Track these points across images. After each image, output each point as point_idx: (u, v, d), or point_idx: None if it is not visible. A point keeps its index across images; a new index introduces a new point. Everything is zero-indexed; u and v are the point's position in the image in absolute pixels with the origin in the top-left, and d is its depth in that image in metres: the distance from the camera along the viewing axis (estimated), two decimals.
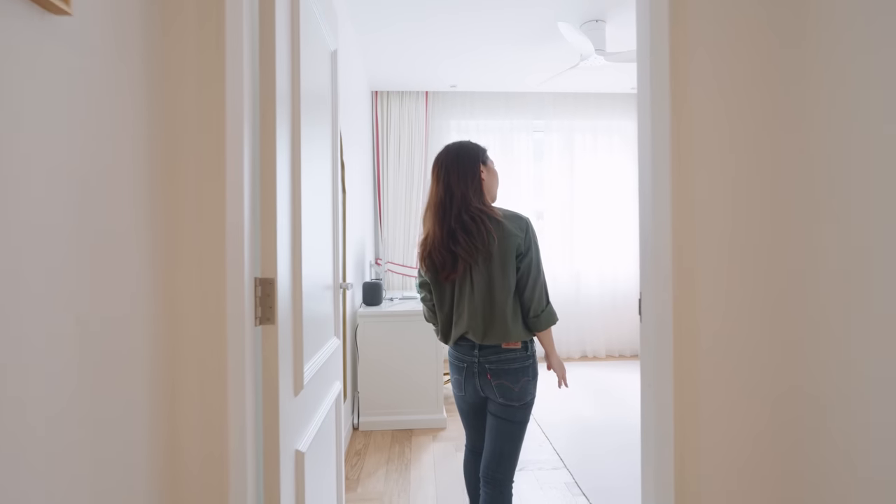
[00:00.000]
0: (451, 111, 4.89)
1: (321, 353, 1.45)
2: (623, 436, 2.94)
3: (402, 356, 3.06)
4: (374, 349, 3.05)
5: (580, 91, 4.92)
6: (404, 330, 3.06)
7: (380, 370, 3.06)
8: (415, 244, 4.66)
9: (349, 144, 3.03)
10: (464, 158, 1.57)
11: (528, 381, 1.52)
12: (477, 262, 1.47)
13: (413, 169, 4.78)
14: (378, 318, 3.06)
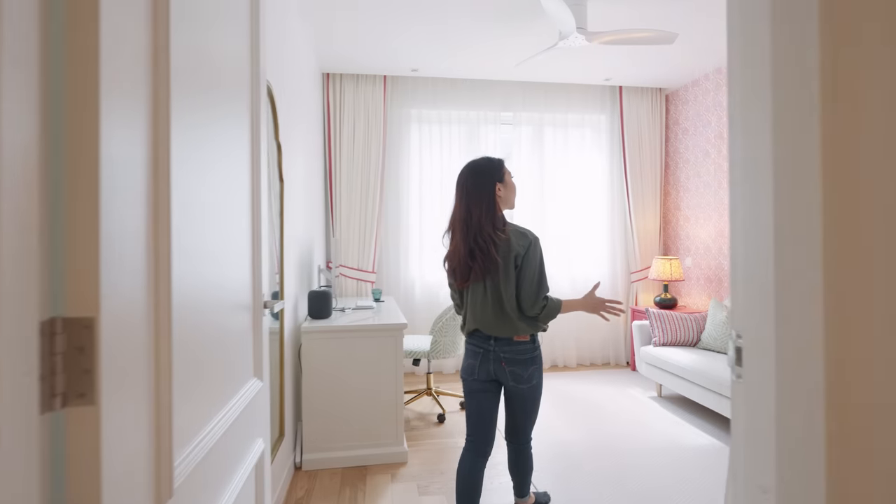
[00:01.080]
0: (412, 99, 4.43)
1: (225, 412, 0.97)
2: (607, 460, 2.59)
3: (355, 378, 2.58)
4: (320, 371, 2.55)
5: (551, 81, 4.58)
6: (358, 347, 2.59)
7: (328, 396, 2.56)
8: (371, 245, 4.17)
9: (290, 125, 2.52)
10: (480, 180, 1.83)
11: (536, 369, 1.81)
12: (490, 272, 1.76)
13: (370, 161, 4.28)
14: (326, 333, 2.56)
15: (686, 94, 4.59)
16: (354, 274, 4.27)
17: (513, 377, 1.79)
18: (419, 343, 3.45)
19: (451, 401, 3.65)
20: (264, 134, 1.31)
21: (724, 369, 2.97)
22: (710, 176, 4.29)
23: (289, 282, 2.42)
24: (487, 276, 1.76)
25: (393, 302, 3.64)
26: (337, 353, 2.57)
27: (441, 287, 4.49)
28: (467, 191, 1.83)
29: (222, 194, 0.96)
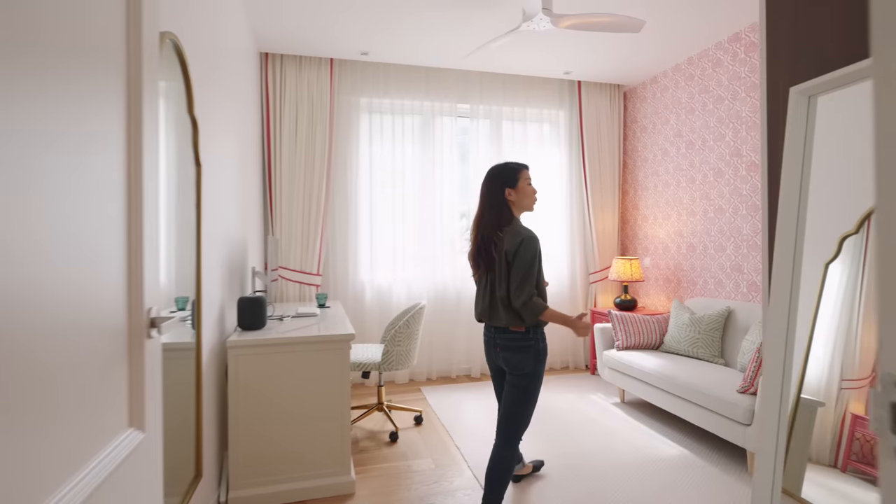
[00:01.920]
0: (361, 85, 4.08)
1: (67, 488, 0.62)
2: (576, 478, 2.37)
3: (293, 399, 2.22)
4: (251, 392, 2.17)
5: (510, 72, 4.37)
6: (296, 361, 2.22)
7: (260, 421, 2.18)
8: (315, 244, 3.79)
9: (213, 101, 2.12)
10: (491, 185, 2.00)
11: (527, 359, 1.90)
12: (490, 267, 1.97)
13: (315, 152, 3.89)
14: (257, 347, 2.18)
15: (644, 91, 4.51)
16: (297, 277, 3.86)
17: (506, 363, 1.95)
18: (369, 353, 3.11)
19: (405, 416, 3.33)
20: (154, 100, 0.95)
21: (691, 374, 2.84)
22: (668, 175, 4.22)
23: (211, 287, 2.02)
24: (489, 271, 1.99)
25: (340, 308, 3.27)
26: (271, 369, 2.19)
27: (394, 291, 4.17)
28: (482, 193, 2.04)
29: (63, 175, 0.61)
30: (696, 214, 3.92)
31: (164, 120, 1.44)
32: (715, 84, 3.72)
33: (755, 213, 3.38)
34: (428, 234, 4.23)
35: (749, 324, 3.14)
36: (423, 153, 4.24)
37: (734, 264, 3.56)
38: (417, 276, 4.24)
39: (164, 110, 1.43)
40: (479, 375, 4.32)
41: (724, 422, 2.50)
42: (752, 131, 3.40)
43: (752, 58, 3.39)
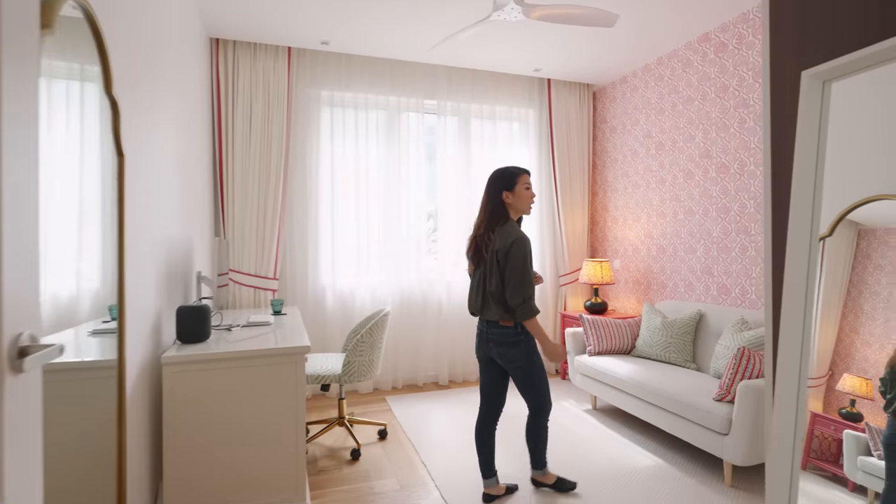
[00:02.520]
0: (322, 77, 3.84)
1: None
2: (551, 493, 2.23)
3: (240, 419, 1.98)
4: (191, 413, 1.92)
5: (479, 68, 4.22)
6: (244, 377, 1.98)
7: (202, 446, 1.93)
8: (272, 247, 3.53)
9: (143, 82, 1.86)
10: (490, 188, 2.17)
11: (519, 353, 2.10)
12: (481, 265, 2.15)
13: (271, 148, 3.62)
14: (197, 363, 1.93)
15: (614, 91, 4.46)
16: (251, 281, 3.58)
17: (499, 357, 2.14)
18: (329, 363, 2.89)
19: (369, 430, 3.12)
20: (23, 64, 0.73)
21: (665, 380, 2.75)
22: (638, 176, 4.17)
23: (141, 294, 1.77)
24: (480, 267, 2.14)
25: (298, 315, 3.03)
26: (213, 387, 1.95)
27: (358, 295, 3.94)
28: (483, 195, 2.19)
29: None
30: (666, 216, 3.88)
31: (81, 103, 1.23)
32: (685, 85, 3.68)
33: (725, 215, 3.35)
34: (393, 235, 4.03)
35: (720, 327, 3.09)
36: (389, 150, 4.03)
37: (704, 267, 3.52)
38: (382, 279, 4.03)
39: (79, 93, 1.22)
40: (446, 382, 4.15)
41: (701, 431, 2.41)
42: (721, 133, 3.37)
43: (722, 58, 3.36)
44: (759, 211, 3.11)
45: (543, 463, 2.30)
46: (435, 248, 4.29)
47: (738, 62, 3.24)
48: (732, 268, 3.30)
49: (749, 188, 3.17)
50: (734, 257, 3.28)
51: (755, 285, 3.13)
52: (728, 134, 3.32)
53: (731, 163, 3.31)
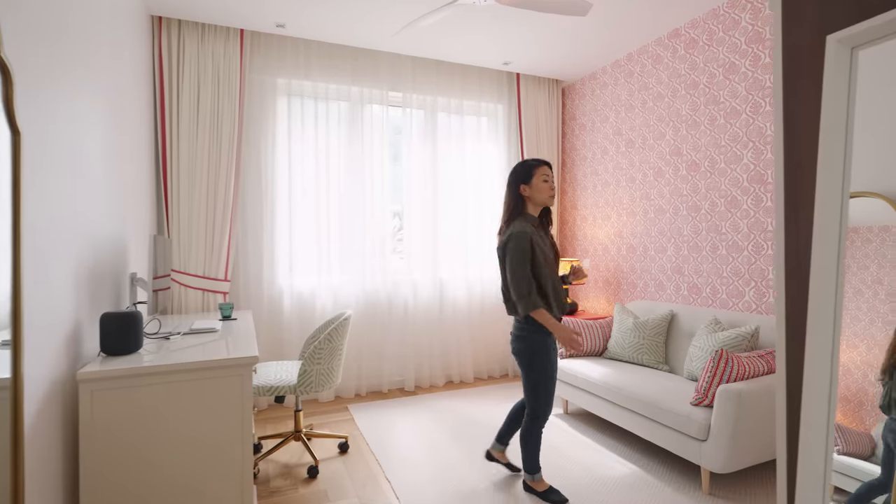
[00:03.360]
0: (278, 64, 3.57)
1: None
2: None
3: (175, 442, 1.73)
4: (115, 439, 1.65)
5: (445, 59, 4.05)
6: (180, 394, 1.73)
7: (128, 476, 1.67)
8: (223, 245, 3.24)
9: (55, 57, 1.59)
10: (511, 183, 2.19)
11: (523, 347, 2.12)
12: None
13: (221, 139, 3.33)
14: (122, 380, 1.67)
15: (583, 87, 4.38)
16: (200, 283, 3.28)
17: (512, 349, 2.20)
18: (284, 373, 2.65)
19: (329, 444, 2.89)
20: None
21: (639, 384, 2.66)
22: (608, 174, 4.11)
23: (49, 299, 1.50)
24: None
25: (250, 319, 2.78)
26: (143, 407, 1.69)
27: (318, 298, 3.69)
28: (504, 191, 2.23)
29: None
30: (636, 215, 3.82)
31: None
32: (655, 81, 3.62)
33: (695, 213, 3.30)
34: (357, 233, 3.80)
35: (692, 328, 3.03)
36: (351, 143, 3.81)
37: (675, 266, 3.47)
38: (345, 280, 3.79)
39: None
40: (413, 388, 3.95)
41: (677, 437, 2.32)
42: (692, 129, 3.32)
43: (693, 55, 3.31)
44: (729, 209, 3.07)
45: (535, 468, 2.25)
46: (401, 248, 4.09)
47: (708, 58, 3.20)
48: (703, 267, 3.25)
49: (720, 186, 3.13)
50: (705, 256, 3.24)
51: (726, 284, 3.09)
52: (698, 131, 3.28)
53: (701, 160, 3.26)
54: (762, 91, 2.87)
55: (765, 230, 2.86)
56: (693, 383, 2.68)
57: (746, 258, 2.97)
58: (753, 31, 2.92)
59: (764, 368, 2.26)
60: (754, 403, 2.09)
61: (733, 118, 3.04)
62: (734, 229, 3.04)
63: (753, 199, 2.93)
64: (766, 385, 2.14)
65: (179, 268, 3.25)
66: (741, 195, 3.00)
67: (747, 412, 2.07)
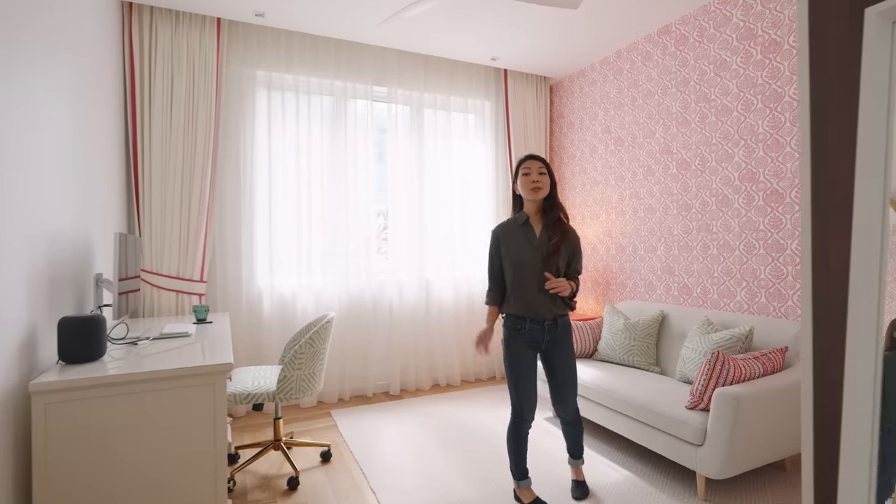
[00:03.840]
0: (258, 55, 3.43)
1: None
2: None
3: (141, 458, 1.59)
4: (73, 455, 1.51)
5: (432, 54, 3.94)
6: (146, 406, 1.60)
7: (90, 497, 1.53)
8: (198, 245, 3.09)
9: (8, 41, 1.44)
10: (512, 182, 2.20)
11: (503, 340, 2.13)
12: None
13: (196, 133, 3.17)
14: (81, 391, 1.53)
15: (571, 85, 4.32)
16: (173, 285, 3.12)
17: None
18: (263, 379, 2.51)
19: (310, 453, 2.76)
20: None
21: (631, 386, 2.59)
22: (596, 173, 4.05)
23: (25, 304, 1.35)
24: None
25: (226, 322, 2.63)
26: (105, 420, 1.55)
27: (300, 299, 3.55)
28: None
29: None
30: (625, 214, 3.76)
31: None
32: (644, 78, 3.57)
33: (686, 212, 3.25)
34: (340, 232, 3.67)
35: (684, 328, 2.98)
36: (335, 139, 3.68)
37: (665, 266, 3.42)
38: (327, 280, 3.66)
39: None
40: (398, 392, 3.84)
41: (673, 441, 2.25)
42: (682, 128, 3.28)
43: (683, 51, 3.26)
44: (720, 208, 3.03)
45: (516, 474, 2.14)
46: (386, 247, 3.97)
47: (699, 55, 3.15)
48: (694, 267, 3.21)
49: (710, 185, 3.09)
50: (696, 256, 3.19)
51: (717, 285, 3.05)
52: (689, 129, 3.23)
53: (692, 159, 3.21)
54: (754, 88, 2.83)
55: (756, 229, 2.82)
56: (686, 386, 2.62)
57: (738, 258, 2.93)
58: (745, 27, 2.87)
59: (760, 370, 2.21)
60: (752, 407, 2.03)
61: (724, 116, 3.00)
62: (725, 228, 3.00)
63: (745, 197, 2.89)
64: (763, 388, 2.08)
65: (151, 268, 3.09)
66: (732, 194, 2.96)
67: (745, 416, 2.01)
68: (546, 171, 2.03)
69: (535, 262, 2.01)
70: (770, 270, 2.75)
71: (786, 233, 2.67)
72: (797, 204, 2.62)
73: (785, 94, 2.67)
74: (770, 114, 2.74)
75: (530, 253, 2.01)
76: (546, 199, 2.06)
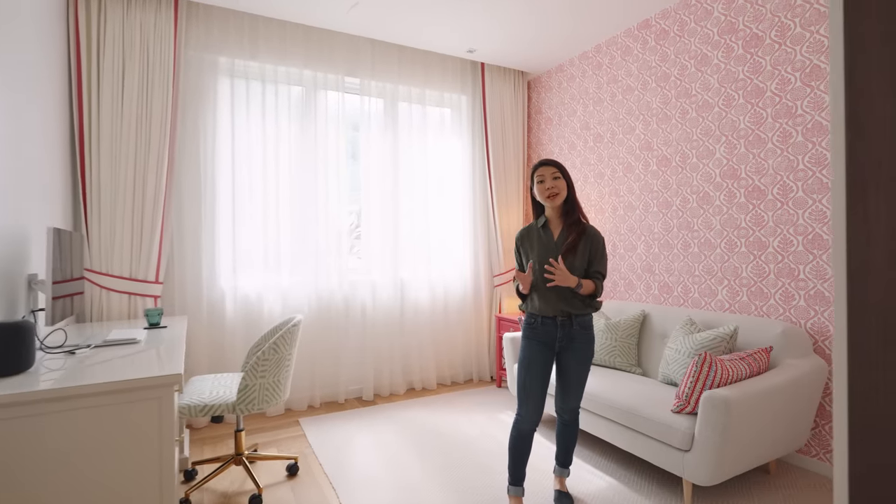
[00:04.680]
0: (221, 41, 3.21)
1: None
2: None
3: (73, 486, 1.39)
4: None
5: (406, 44, 3.79)
6: (80, 425, 1.40)
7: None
8: (154, 243, 2.86)
9: None
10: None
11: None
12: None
13: (150, 123, 2.93)
14: (1, 410, 1.32)
15: (549, 80, 4.23)
16: (125, 286, 2.87)
17: None
18: (223, 387, 2.31)
19: (276, 467, 2.56)
20: None
21: (614, 389, 2.50)
22: (575, 170, 3.96)
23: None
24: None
25: (182, 327, 2.42)
26: (29, 443, 1.34)
27: (266, 301, 3.34)
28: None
29: None
30: (604, 212, 3.69)
31: None
32: (624, 73, 3.50)
33: (666, 210, 3.19)
34: (310, 230, 3.48)
35: (665, 328, 2.91)
36: (304, 132, 3.48)
37: (645, 264, 3.36)
38: (296, 281, 3.46)
39: None
40: (371, 398, 3.67)
41: (658, 447, 2.16)
42: (662, 123, 3.21)
43: (663, 46, 3.20)
44: (701, 206, 2.97)
45: (509, 478, 2.06)
46: (358, 246, 3.80)
47: (679, 50, 3.10)
48: (674, 265, 3.15)
49: (691, 182, 3.03)
50: (676, 254, 3.13)
51: (698, 283, 2.99)
52: (669, 125, 3.17)
53: (672, 155, 3.15)
54: (735, 83, 2.78)
55: (738, 227, 2.77)
56: (669, 387, 2.54)
57: (719, 256, 2.87)
58: (726, 21, 2.82)
59: (747, 371, 2.14)
60: (742, 410, 1.95)
61: (705, 111, 2.94)
62: (706, 226, 2.95)
63: (726, 194, 2.84)
64: (752, 390, 2.01)
65: (100, 268, 2.83)
66: (714, 191, 2.91)
67: (735, 420, 1.93)
68: (560, 175, 2.01)
69: (543, 258, 2.02)
70: (752, 269, 2.71)
71: (767, 230, 2.63)
72: (779, 201, 2.58)
73: (767, 89, 2.62)
74: (751, 109, 2.70)
75: (547, 253, 2.02)
76: (565, 202, 2.05)
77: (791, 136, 2.52)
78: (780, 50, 2.56)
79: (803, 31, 2.47)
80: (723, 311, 2.85)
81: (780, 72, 2.56)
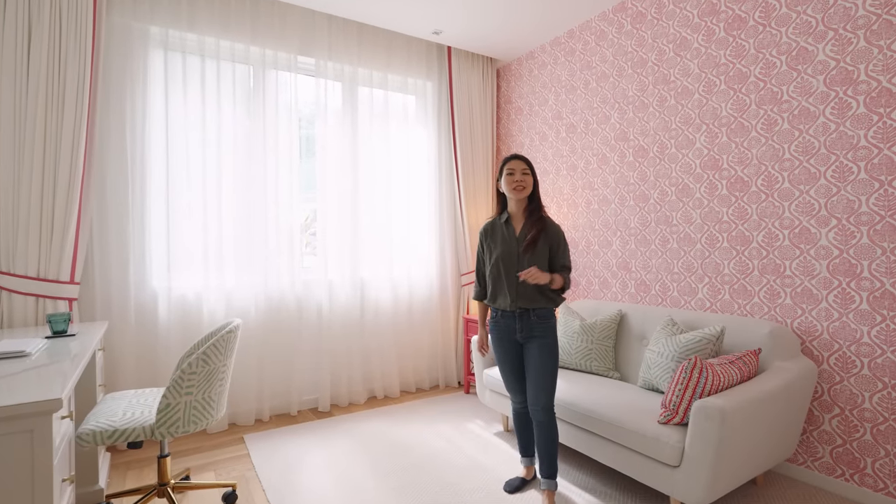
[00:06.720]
0: (151, 8, 2.82)
1: None
2: None
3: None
4: None
5: (368, 22, 3.48)
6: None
7: None
8: (69, 238, 2.46)
9: None
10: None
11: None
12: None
13: (64, 100, 2.52)
14: None
15: (520, 68, 4.01)
16: (33, 287, 2.45)
17: None
18: (140, 407, 1.95)
19: (210, 497, 2.21)
20: None
21: (592, 397, 2.28)
22: (547, 162, 3.76)
23: None
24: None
25: (97, 335, 2.04)
26: None
27: (206, 303, 2.97)
28: None
29: None
30: (578, 206, 3.49)
31: None
32: (599, 59, 3.31)
33: (643, 203, 3.02)
34: (258, 225, 3.13)
35: (643, 329, 2.72)
36: (252, 116, 3.13)
37: (621, 262, 3.17)
38: (242, 281, 3.10)
39: None
40: (328, 408, 3.34)
41: (644, 462, 1.95)
42: (639, 112, 3.04)
43: (640, 30, 3.03)
44: (681, 199, 2.80)
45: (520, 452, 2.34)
46: (314, 243, 3.46)
47: (657, 34, 2.92)
48: (652, 262, 2.97)
49: (670, 173, 2.86)
50: (654, 250, 2.96)
51: (677, 281, 2.82)
52: (647, 113, 2.99)
53: (650, 145, 2.98)
54: (716, 68, 2.62)
55: (719, 220, 2.61)
56: (651, 393, 2.34)
57: (699, 252, 2.71)
58: (706, 2, 2.66)
59: (737, 377, 1.95)
60: (737, 420, 1.75)
61: (685, 98, 2.77)
62: (686, 220, 2.78)
63: (707, 186, 2.67)
64: (746, 397, 1.82)
65: (0, 267, 2.41)
66: (693, 183, 2.74)
67: (731, 432, 1.73)
68: (529, 172, 2.10)
69: (511, 256, 2.08)
70: (734, 265, 2.55)
71: (751, 224, 2.47)
72: (764, 192, 2.42)
73: (750, 73, 2.47)
74: (734, 95, 2.54)
75: (509, 249, 2.09)
76: (529, 198, 2.13)
77: (776, 124, 2.37)
78: (765, 32, 2.41)
79: (789, 10, 2.32)
80: (704, 311, 2.69)
81: (765, 55, 2.41)
